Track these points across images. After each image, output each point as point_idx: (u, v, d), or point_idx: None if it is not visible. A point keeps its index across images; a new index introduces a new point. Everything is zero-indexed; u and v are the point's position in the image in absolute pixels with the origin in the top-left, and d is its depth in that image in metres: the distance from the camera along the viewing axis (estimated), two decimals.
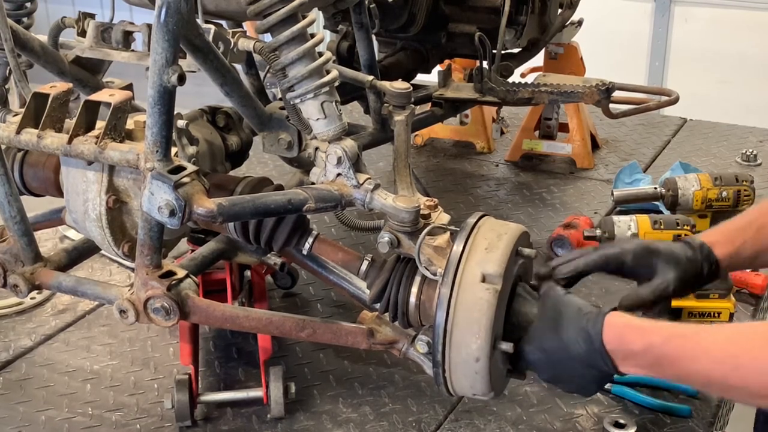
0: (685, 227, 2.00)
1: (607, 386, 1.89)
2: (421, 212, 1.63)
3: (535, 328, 1.56)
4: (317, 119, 1.66)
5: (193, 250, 1.94)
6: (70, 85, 1.70)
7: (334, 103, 1.67)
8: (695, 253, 1.67)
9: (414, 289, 1.61)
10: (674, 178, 2.44)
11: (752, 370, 1.30)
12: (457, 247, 1.55)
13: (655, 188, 2.48)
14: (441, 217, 1.67)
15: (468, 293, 1.52)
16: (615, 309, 1.52)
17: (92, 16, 1.86)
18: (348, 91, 2.20)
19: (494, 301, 1.51)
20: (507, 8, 2.53)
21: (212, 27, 1.70)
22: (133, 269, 1.73)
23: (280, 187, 1.81)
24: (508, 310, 1.59)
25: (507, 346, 1.55)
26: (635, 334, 1.45)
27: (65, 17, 1.91)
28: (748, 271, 2.31)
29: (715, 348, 1.37)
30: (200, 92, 2.34)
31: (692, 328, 1.45)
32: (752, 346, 1.30)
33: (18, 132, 1.62)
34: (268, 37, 1.66)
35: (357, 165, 1.69)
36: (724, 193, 2.31)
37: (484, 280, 1.52)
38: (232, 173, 2.01)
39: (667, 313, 2.02)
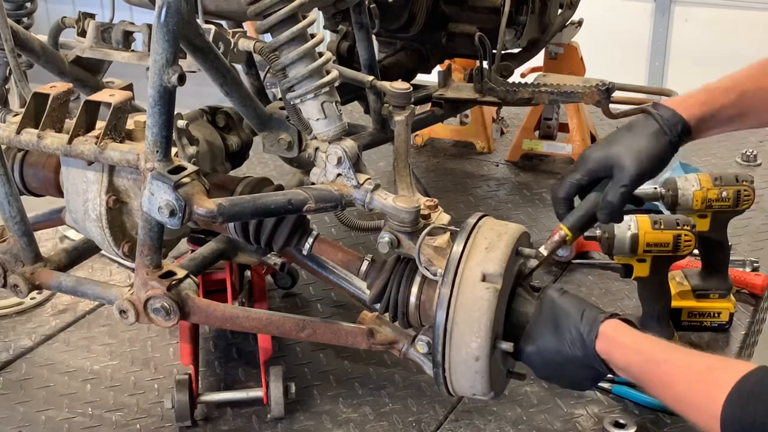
0: (685, 227, 2.00)
1: (607, 386, 1.89)
2: (421, 212, 1.63)
3: (532, 328, 1.57)
4: (317, 119, 1.66)
5: (193, 250, 1.94)
6: (70, 85, 1.69)
7: (334, 104, 1.67)
8: (658, 137, 1.65)
9: (414, 290, 1.61)
10: (674, 178, 2.43)
11: (707, 414, 1.32)
12: (457, 248, 1.55)
13: (655, 188, 2.47)
14: (441, 218, 1.67)
15: (468, 292, 1.52)
16: (614, 316, 1.53)
17: (92, 16, 1.86)
18: (348, 91, 2.20)
19: (494, 300, 1.51)
20: (507, 8, 2.53)
21: (212, 27, 1.70)
22: (133, 269, 1.73)
23: (280, 188, 1.81)
24: (508, 309, 1.59)
25: (507, 346, 1.55)
26: (619, 350, 1.48)
27: (65, 17, 1.90)
28: (747, 270, 2.31)
29: (681, 386, 1.40)
30: (200, 92, 2.34)
31: (668, 355, 1.45)
32: (712, 393, 1.32)
33: (18, 132, 1.62)
34: (268, 37, 1.66)
35: (357, 165, 1.69)
36: (724, 193, 2.30)
37: (484, 279, 1.52)
38: (232, 173, 2.01)
39: (667, 315, 2.03)
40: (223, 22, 1.98)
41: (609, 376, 1.56)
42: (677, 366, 1.42)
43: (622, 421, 1.80)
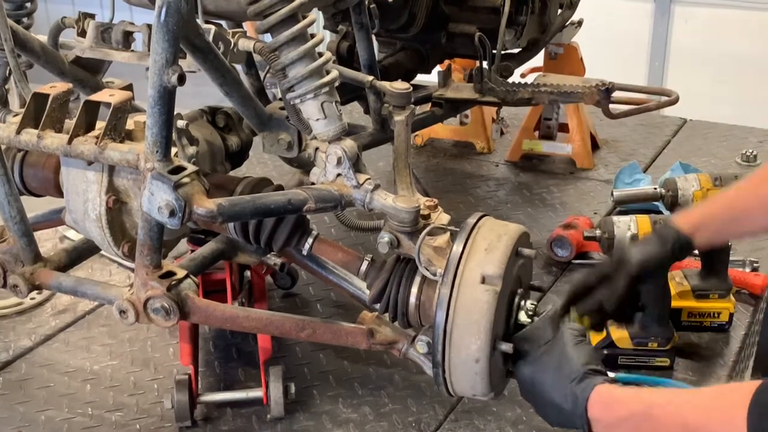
0: None
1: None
2: (421, 212, 1.63)
3: (539, 358, 1.57)
4: (317, 119, 1.66)
5: (193, 250, 1.94)
6: (70, 85, 1.70)
7: (334, 104, 1.67)
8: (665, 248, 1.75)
9: (414, 290, 1.61)
10: (674, 178, 2.44)
11: None
12: (457, 248, 1.55)
13: (655, 188, 2.48)
14: (441, 218, 1.67)
15: (468, 294, 1.51)
16: (611, 381, 1.53)
17: (92, 16, 1.86)
18: (348, 91, 2.20)
19: (494, 302, 1.51)
20: (507, 8, 2.53)
21: (212, 27, 1.70)
22: (133, 269, 1.73)
23: (280, 188, 1.81)
24: (509, 312, 1.59)
25: (507, 347, 1.55)
26: (618, 403, 1.47)
27: (65, 17, 1.90)
28: (747, 270, 2.31)
29: (693, 416, 1.39)
30: (200, 92, 2.34)
31: (670, 398, 1.46)
32: (730, 413, 1.32)
33: (18, 132, 1.62)
34: (268, 38, 1.66)
35: (357, 165, 1.69)
36: None
37: (483, 281, 1.52)
38: (232, 173, 2.01)
39: (667, 315, 2.03)
40: (223, 22, 1.98)
41: (611, 375, 1.56)
42: (683, 403, 1.42)
43: None
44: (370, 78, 2.14)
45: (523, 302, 1.63)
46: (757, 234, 1.92)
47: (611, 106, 2.52)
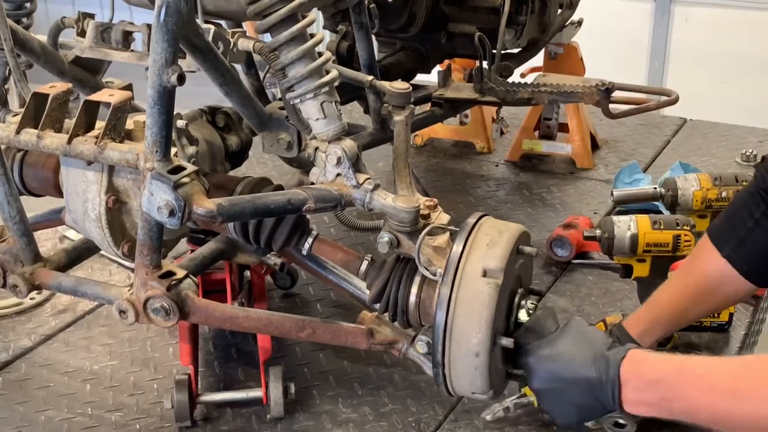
0: (685, 227, 2.00)
1: None
2: (421, 212, 1.63)
3: (551, 339, 1.57)
4: (317, 119, 1.66)
5: (192, 250, 1.94)
6: (70, 85, 1.70)
7: (333, 103, 1.67)
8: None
9: (414, 289, 1.61)
10: (674, 178, 2.44)
11: (756, 403, 1.33)
12: (457, 247, 1.55)
13: (655, 188, 2.47)
14: (441, 217, 1.67)
15: (469, 287, 1.51)
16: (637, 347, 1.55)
17: (92, 16, 1.86)
18: (348, 91, 2.20)
19: (495, 295, 1.51)
20: (507, 8, 2.53)
21: (212, 27, 1.70)
22: (132, 269, 1.73)
23: (279, 187, 1.80)
24: (511, 307, 1.59)
25: (507, 342, 1.55)
26: (650, 364, 1.49)
27: (65, 17, 1.90)
28: None
29: (721, 382, 1.41)
30: (200, 92, 2.34)
31: (702, 362, 1.49)
32: (757, 381, 1.33)
33: (18, 132, 1.62)
34: (267, 37, 1.66)
35: (357, 165, 1.69)
36: (724, 193, 2.30)
37: (485, 274, 1.52)
38: (231, 173, 2.01)
39: None
40: (223, 22, 1.98)
41: None
42: (712, 371, 1.43)
43: (622, 421, 1.79)
44: (370, 78, 2.14)
45: (523, 302, 1.63)
46: (710, 313, 1.98)
47: (611, 105, 2.52)
